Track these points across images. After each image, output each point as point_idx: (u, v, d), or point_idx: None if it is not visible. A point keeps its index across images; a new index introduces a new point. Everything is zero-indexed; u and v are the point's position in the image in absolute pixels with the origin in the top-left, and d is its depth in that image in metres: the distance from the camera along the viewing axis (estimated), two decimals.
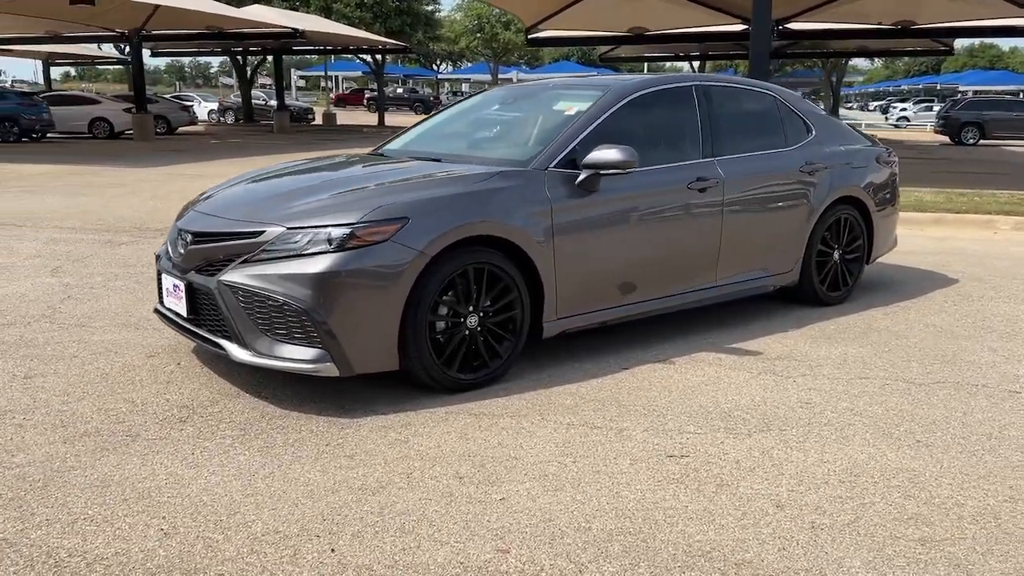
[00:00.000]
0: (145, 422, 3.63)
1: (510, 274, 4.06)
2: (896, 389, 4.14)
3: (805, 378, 4.29)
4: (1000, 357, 4.66)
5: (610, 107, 4.66)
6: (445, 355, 3.94)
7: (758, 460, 3.31)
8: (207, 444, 3.42)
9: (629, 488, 3.07)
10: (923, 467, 3.26)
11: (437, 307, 3.89)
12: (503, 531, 2.76)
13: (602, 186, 4.40)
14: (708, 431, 3.60)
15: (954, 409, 3.87)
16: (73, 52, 40.72)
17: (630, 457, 3.33)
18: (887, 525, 2.81)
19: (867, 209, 5.82)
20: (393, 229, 3.71)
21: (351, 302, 3.64)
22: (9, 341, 4.80)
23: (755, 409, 3.85)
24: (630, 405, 3.89)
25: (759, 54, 11.92)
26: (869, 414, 3.81)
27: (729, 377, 4.30)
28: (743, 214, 5.05)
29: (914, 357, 4.65)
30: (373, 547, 2.65)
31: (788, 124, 5.52)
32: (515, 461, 3.28)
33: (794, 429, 3.63)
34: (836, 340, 4.96)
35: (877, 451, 3.41)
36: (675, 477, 3.16)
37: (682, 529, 2.78)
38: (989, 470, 3.24)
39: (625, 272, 4.57)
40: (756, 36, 11.90)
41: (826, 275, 5.68)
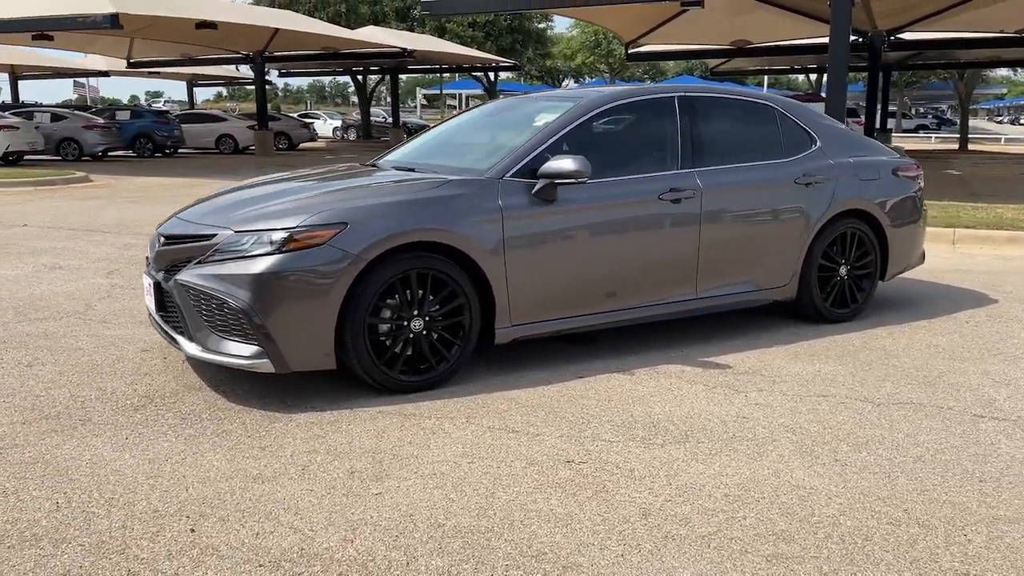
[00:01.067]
0: (103, 409, 3.93)
1: (456, 280, 4.16)
2: (850, 408, 3.99)
3: (760, 393, 4.19)
4: (989, 380, 4.41)
5: (577, 119, 4.70)
6: (387, 357, 4.07)
7: (654, 470, 3.29)
8: (144, 430, 3.68)
9: (507, 490, 3.12)
10: (823, 486, 3.16)
11: (379, 310, 4.03)
12: (360, 523, 2.86)
13: (563, 196, 4.45)
14: (623, 440, 3.59)
15: (898, 431, 3.71)
16: (214, 73, 43.35)
17: (528, 461, 3.38)
18: (744, 540, 2.76)
19: (879, 223, 5.58)
20: (330, 233, 3.89)
21: (287, 302, 3.84)
22: (34, 333, 5.26)
23: (686, 421, 3.81)
24: (561, 412, 3.92)
25: (838, 63, 11.53)
26: (802, 431, 3.70)
27: (680, 389, 4.25)
28: (726, 226, 4.97)
29: (892, 377, 4.46)
30: (231, 530, 2.81)
31: (788, 136, 5.38)
32: (413, 460, 3.38)
33: (712, 442, 3.57)
34: (819, 357, 4.80)
35: (786, 468, 3.32)
36: (559, 482, 3.19)
37: (533, 531, 2.81)
38: (894, 493, 3.11)
39: (589, 282, 4.59)
40: (835, 46, 11.51)
41: (831, 291, 5.48)
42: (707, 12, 18.62)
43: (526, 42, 36.71)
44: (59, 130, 23.10)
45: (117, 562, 2.61)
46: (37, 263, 7.62)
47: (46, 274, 7.13)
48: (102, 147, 23.46)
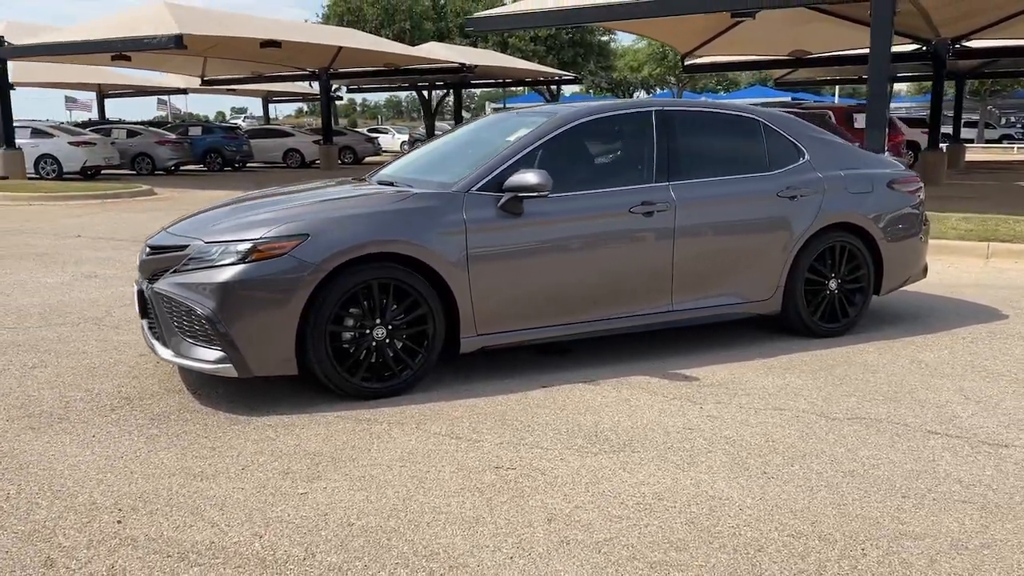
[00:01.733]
0: (84, 409, 4.19)
1: (419, 290, 4.29)
2: (801, 422, 3.98)
3: (716, 405, 4.20)
4: (960, 398, 4.32)
5: (548, 134, 4.80)
6: (349, 364, 4.23)
7: (578, 478, 3.36)
8: (112, 429, 3.91)
9: (427, 493, 3.23)
10: (740, 497, 3.18)
11: (342, 319, 4.20)
12: (275, 520, 3.02)
13: (530, 209, 4.55)
14: (559, 448, 3.66)
15: (841, 445, 3.69)
16: (288, 90, 44.64)
17: (458, 466, 3.48)
18: (636, 547, 2.81)
19: (871, 237, 5.51)
20: (292, 245, 4.07)
21: (249, 310, 4.03)
22: (49, 337, 5.60)
23: (630, 431, 3.85)
24: (511, 420, 4.01)
25: (878, 74, 11.32)
26: (742, 443, 3.71)
27: (638, 400, 4.29)
28: (702, 239, 4.99)
29: (860, 392, 4.41)
30: (155, 523, 2.99)
31: (773, 149, 5.37)
32: (350, 463, 3.52)
33: (647, 452, 3.62)
34: (794, 371, 4.78)
35: (710, 479, 3.35)
36: (480, 486, 3.28)
37: (436, 532, 2.92)
38: (809, 506, 3.11)
39: (557, 293, 4.66)
40: (875, 57, 11.30)
41: (820, 305, 5.43)
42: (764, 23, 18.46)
43: (588, 55, 36.81)
44: (134, 146, 24.17)
45: (41, 549, 2.81)
46: (77, 272, 8.05)
47: (81, 282, 7.54)
48: (173, 161, 24.44)
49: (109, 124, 28.13)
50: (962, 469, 3.43)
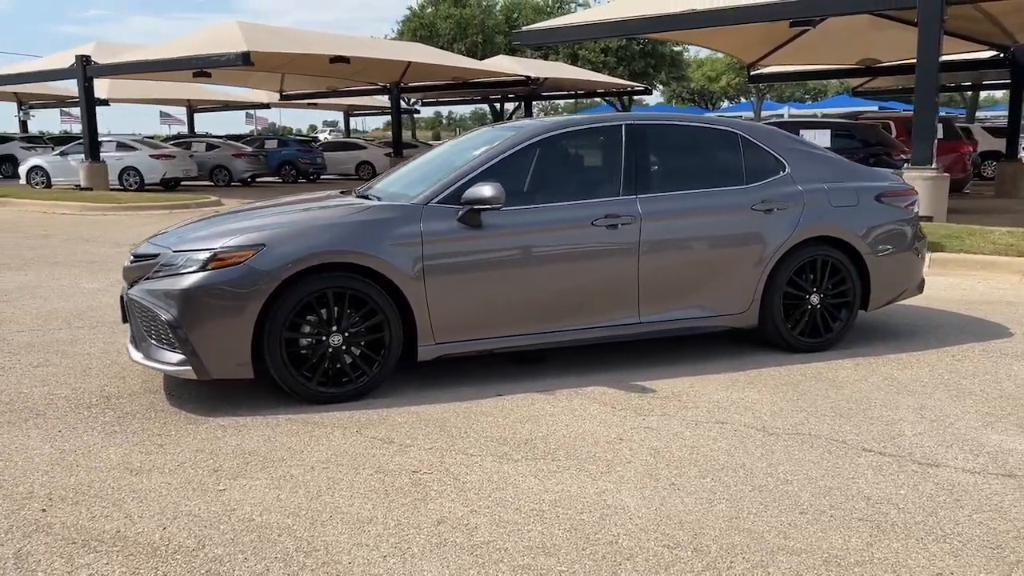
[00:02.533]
0: (63, 406, 4.48)
1: (375, 299, 4.45)
2: (738, 436, 3.97)
3: (660, 417, 4.22)
4: (916, 416, 4.23)
5: (511, 148, 4.90)
6: (306, 368, 4.41)
7: (487, 483, 3.44)
8: (78, 425, 4.18)
9: (335, 494, 3.37)
10: (636, 507, 3.22)
11: (298, 325, 4.39)
12: (184, 513, 3.20)
13: (489, 221, 4.66)
14: (483, 455, 3.76)
15: (765, 460, 3.67)
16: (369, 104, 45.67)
17: (377, 469, 3.61)
18: (509, 550, 2.89)
19: (856, 251, 5.42)
20: (248, 254, 4.29)
21: (207, 316, 4.26)
22: (63, 339, 5.98)
23: (562, 440, 3.91)
24: (450, 426, 4.12)
25: (927, 83, 11.00)
26: (665, 455, 3.73)
27: (585, 410, 4.34)
28: (669, 252, 5.00)
29: (813, 408, 4.36)
30: (75, 512, 3.22)
31: (752, 162, 5.34)
32: (278, 463, 3.69)
33: (568, 460, 3.68)
34: (757, 385, 4.74)
35: (615, 488, 3.39)
36: (388, 489, 3.40)
37: (326, 530, 3.06)
38: (701, 518, 3.13)
39: (517, 304, 4.75)
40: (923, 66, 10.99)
41: (800, 320, 5.37)
42: (830, 31, 18.10)
43: (659, 66, 36.57)
44: (212, 158, 25.20)
45: None
46: (115, 278, 8.51)
47: (115, 288, 7.97)
48: (249, 173, 25.37)
49: (191, 138, 29.40)
50: (877, 487, 3.38)
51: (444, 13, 35.71)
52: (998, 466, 3.58)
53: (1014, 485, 3.39)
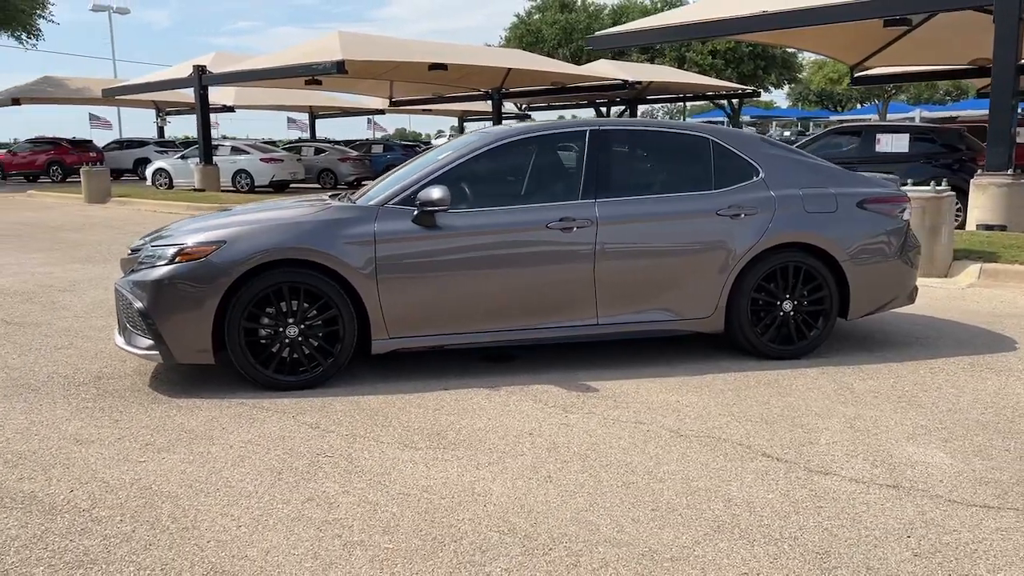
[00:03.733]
0: (59, 383, 4.98)
1: (329, 294, 4.75)
2: (646, 436, 4.03)
3: (583, 416, 4.33)
4: (841, 427, 4.18)
5: (472, 152, 5.10)
6: (263, 357, 4.75)
7: (378, 468, 3.66)
8: (59, 400, 4.66)
9: (234, 470, 3.67)
10: (497, 495, 3.37)
11: (258, 316, 4.74)
12: (97, 480, 3.57)
13: (444, 223, 4.88)
14: (393, 443, 3.98)
15: (654, 460, 3.74)
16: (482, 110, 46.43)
17: (287, 450, 3.89)
18: (352, 527, 3.10)
19: (832, 258, 5.33)
20: (210, 250, 4.67)
21: (172, 305, 4.66)
22: (96, 326, 6.57)
23: (475, 433, 4.08)
24: (380, 416, 4.36)
25: (1001, 83, 10.46)
26: (561, 450, 3.85)
27: (518, 406, 4.49)
28: (627, 255, 5.07)
29: (741, 414, 4.36)
30: (8, 473, 3.63)
31: (722, 167, 5.34)
32: (204, 440, 4.03)
33: (467, 451, 3.85)
34: (702, 390, 4.76)
35: (491, 477, 3.54)
36: (283, 469, 3.67)
37: (202, 501, 3.35)
38: (551, 509, 3.24)
39: (472, 302, 4.94)
40: (999, 65, 10.46)
41: (771, 326, 5.33)
42: (937, 31, 17.35)
43: (769, 68, 35.60)
44: (319, 162, 26.38)
45: None
46: None
47: None
48: (354, 176, 26.38)
49: (302, 143, 30.78)
50: (747, 491, 3.40)
51: (550, 19, 35.99)
52: (890, 477, 3.52)
53: (891, 495, 3.34)
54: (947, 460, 3.70)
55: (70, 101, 33.43)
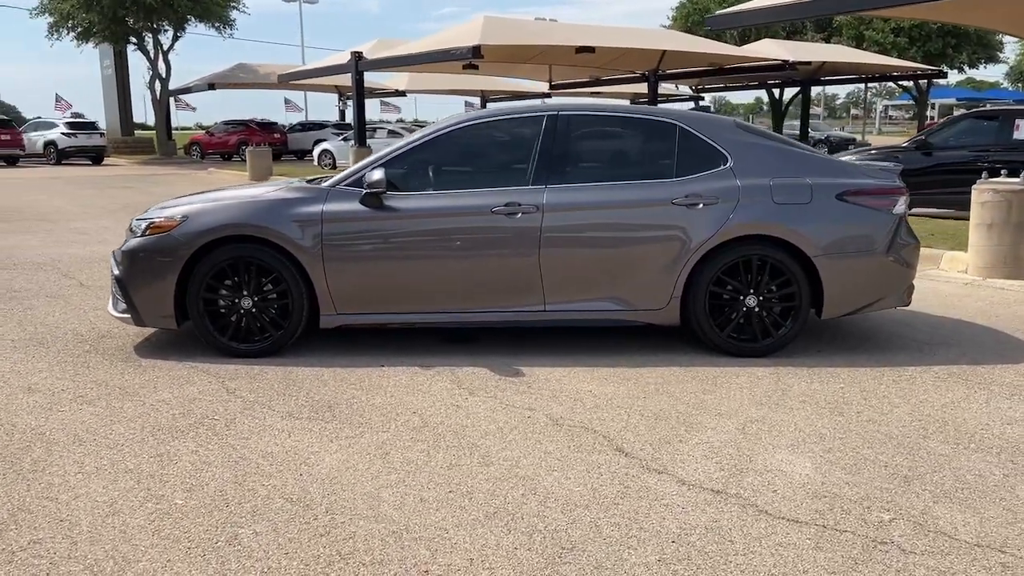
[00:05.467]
0: (65, 339, 5.59)
1: (279, 269, 5.06)
2: (522, 423, 4.03)
3: (481, 399, 4.38)
4: (730, 428, 4.00)
5: (427, 136, 5.23)
6: (221, 325, 5.14)
7: (240, 432, 3.91)
8: (49, 355, 5.24)
9: (114, 425, 4.02)
10: (323, 466, 3.52)
11: (216, 288, 5.12)
12: (18, 424, 4.06)
13: (392, 205, 5.06)
14: (282, 412, 4.21)
15: (505, 445, 3.75)
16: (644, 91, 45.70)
17: (184, 412, 4.21)
18: (163, 478, 3.37)
19: (803, 253, 5.03)
20: (173, 224, 5.09)
21: (140, 274, 5.13)
22: None
23: (359, 407, 4.24)
24: (297, 387, 4.59)
25: None
26: (427, 430, 3.94)
27: (430, 386, 4.60)
28: (574, 242, 5.03)
29: (639, 408, 4.26)
30: None
31: (688, 154, 5.15)
32: (122, 397, 4.42)
33: (333, 423, 4.02)
34: (630, 382, 4.66)
35: (330, 449, 3.70)
36: (165, 427, 3.99)
37: (77, 448, 3.74)
38: (354, 482, 3.37)
39: (417, 283, 5.09)
40: None
41: (732, 321, 5.12)
42: None
43: (960, 46, 32.54)
44: None
45: None
46: None
47: None
48: None
49: None
50: (562, 482, 3.36)
51: None
52: (723, 483, 3.36)
53: (702, 500, 3.20)
54: (807, 471, 3.48)
55: (257, 86, 36.07)
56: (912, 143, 12.83)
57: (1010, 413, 4.16)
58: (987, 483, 3.36)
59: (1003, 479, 3.40)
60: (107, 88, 39.12)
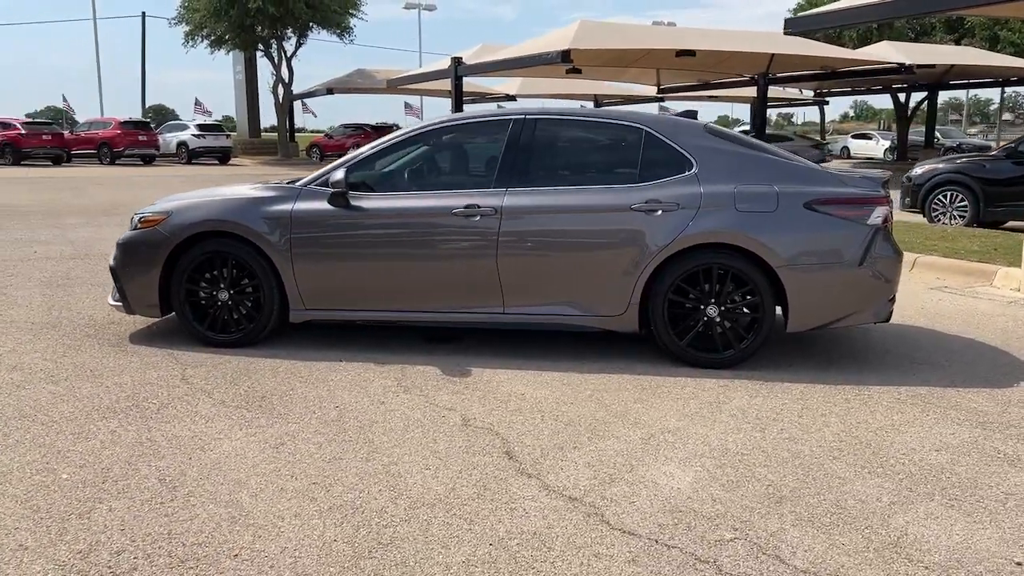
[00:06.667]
0: (76, 323, 6.02)
1: (251, 264, 5.31)
2: (428, 422, 4.08)
3: (410, 397, 4.45)
4: (636, 440, 3.94)
5: (397, 139, 5.35)
6: (199, 316, 5.44)
7: (168, 417, 4.13)
8: (52, 338, 5.66)
9: (57, 403, 4.32)
10: (224, 449, 3.69)
11: (197, 280, 5.42)
12: None
13: (358, 205, 5.22)
14: (216, 401, 4.40)
15: (397, 441, 3.82)
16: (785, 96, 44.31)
17: (131, 395, 4.47)
18: (66, 453, 3.63)
19: (766, 263, 4.87)
20: (160, 219, 5.42)
21: (130, 265, 5.48)
22: None
23: (295, 400, 4.38)
24: (245, 377, 4.78)
25: None
26: (337, 423, 4.05)
27: (369, 382, 4.71)
28: (531, 246, 5.03)
29: (552, 413, 4.22)
30: None
31: (652, 159, 5.06)
32: (83, 379, 4.72)
33: (252, 412, 4.19)
34: (566, 388, 4.62)
35: (244, 436, 3.87)
36: (102, 407, 4.26)
37: (5, 427, 4.07)
38: (234, 467, 3.54)
39: (380, 281, 5.21)
40: None
41: (692, 331, 5.01)
42: None
43: None
44: None
45: None
46: None
47: None
48: None
49: None
50: (428, 481, 3.40)
51: None
52: (582, 491, 3.32)
53: (550, 506, 3.18)
54: (682, 485, 3.39)
55: (371, 91, 37.29)
56: (1002, 151, 12.03)
57: (948, 439, 3.90)
58: (865, 509, 3.18)
59: (886, 506, 3.21)
60: (239, 92, 41.33)
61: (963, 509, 3.19)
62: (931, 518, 3.12)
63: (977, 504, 3.23)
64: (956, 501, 3.26)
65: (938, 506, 3.21)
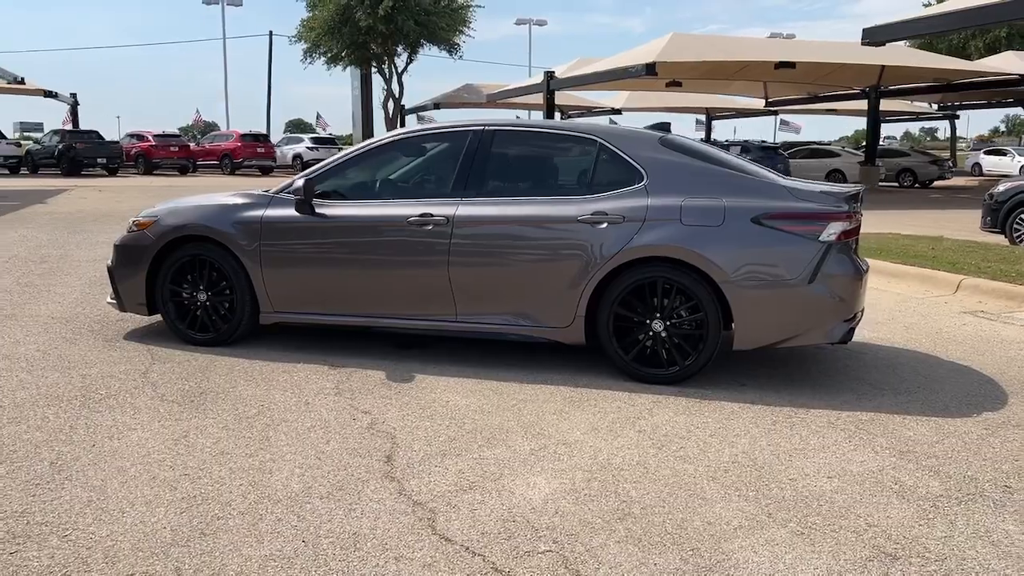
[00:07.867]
0: (78, 320, 6.50)
1: (225, 268, 5.59)
2: (336, 424, 4.18)
3: (340, 401, 4.56)
4: (527, 451, 3.93)
5: (362, 149, 5.52)
6: (180, 315, 5.76)
7: (114, 408, 4.40)
8: (53, 332, 6.10)
9: (23, 389, 4.70)
10: (135, 438, 3.91)
11: (180, 282, 5.75)
12: None
13: (324, 212, 5.42)
14: (159, 396, 4.64)
15: (300, 439, 3.95)
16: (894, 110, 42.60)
17: (85, 387, 4.78)
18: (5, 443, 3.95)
19: (710, 278, 4.76)
20: (148, 223, 5.78)
21: (122, 265, 5.86)
22: None
23: (230, 397, 4.58)
24: (199, 374, 5.01)
25: None
26: (250, 420, 4.22)
27: (306, 387, 4.86)
28: (480, 256, 5.09)
29: (471, 425, 4.25)
30: None
31: (604, 171, 5.03)
32: (61, 370, 5.10)
33: (191, 408, 4.40)
34: (495, 397, 4.64)
35: (161, 428, 4.10)
36: (60, 396, 4.58)
37: None
38: (130, 456, 3.76)
39: (341, 287, 5.38)
40: None
41: (637, 346, 4.95)
42: None
43: None
44: None
45: None
46: None
47: None
48: None
49: None
50: (282, 481, 3.51)
51: None
52: (432, 497, 3.34)
53: (388, 509, 3.22)
54: (533, 496, 3.37)
55: (475, 105, 37.93)
56: None
57: (850, 467, 3.71)
58: (706, 532, 3.08)
59: (731, 530, 3.09)
60: (355, 107, 42.90)
61: (811, 538, 3.04)
62: (770, 544, 2.99)
63: (829, 534, 3.07)
64: (809, 530, 3.10)
65: (787, 533, 3.07)
